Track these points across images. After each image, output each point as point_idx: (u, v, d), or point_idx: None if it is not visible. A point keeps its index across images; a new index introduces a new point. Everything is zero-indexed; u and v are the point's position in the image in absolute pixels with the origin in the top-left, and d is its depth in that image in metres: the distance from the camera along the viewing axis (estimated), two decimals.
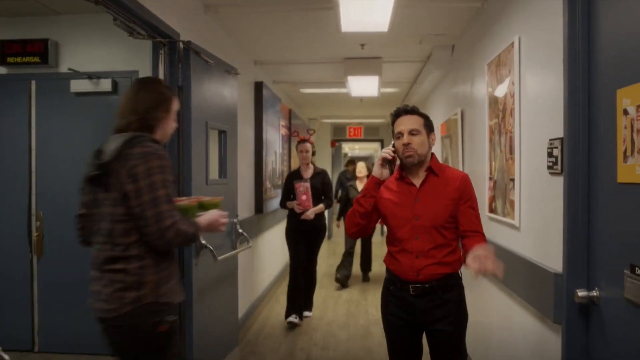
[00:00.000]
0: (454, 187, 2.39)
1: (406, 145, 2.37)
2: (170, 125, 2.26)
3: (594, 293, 1.93)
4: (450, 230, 2.39)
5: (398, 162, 2.43)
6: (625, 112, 1.67)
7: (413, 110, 2.44)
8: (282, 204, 5.41)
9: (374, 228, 2.68)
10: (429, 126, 2.44)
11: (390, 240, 2.49)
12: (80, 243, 2.23)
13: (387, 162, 2.38)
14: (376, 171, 2.39)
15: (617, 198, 1.78)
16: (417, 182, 2.43)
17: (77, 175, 4.09)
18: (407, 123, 2.40)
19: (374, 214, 2.47)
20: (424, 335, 2.49)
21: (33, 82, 4.25)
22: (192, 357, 3.20)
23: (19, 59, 4.18)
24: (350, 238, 6.93)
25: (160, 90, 2.22)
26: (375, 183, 2.40)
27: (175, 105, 2.27)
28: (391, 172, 2.41)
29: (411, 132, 2.38)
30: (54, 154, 4.22)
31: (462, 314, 2.45)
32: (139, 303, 1.99)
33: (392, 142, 2.46)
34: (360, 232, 2.52)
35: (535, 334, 2.53)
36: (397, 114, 2.45)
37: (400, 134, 2.40)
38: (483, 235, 2.40)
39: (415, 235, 2.37)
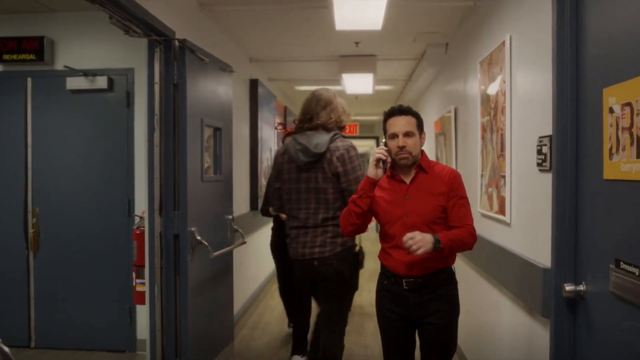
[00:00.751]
0: (443, 184, 2.42)
1: (401, 148, 2.39)
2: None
3: (581, 287, 1.97)
4: (440, 226, 2.42)
5: (389, 160, 2.46)
6: (611, 111, 1.71)
7: (407, 111, 2.45)
8: (264, 211, 4.39)
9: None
10: (420, 126, 2.47)
11: (383, 236, 2.53)
12: (276, 210, 3.36)
13: (380, 162, 2.41)
14: (371, 172, 2.41)
15: (603, 194, 1.82)
16: (407, 179, 2.46)
17: (73, 171, 4.17)
18: (401, 125, 2.41)
19: (368, 213, 2.51)
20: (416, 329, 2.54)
21: (29, 80, 4.27)
22: (187, 351, 3.24)
23: (14, 56, 4.19)
24: None
25: (341, 105, 3.21)
26: (370, 183, 2.43)
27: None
28: (384, 172, 2.45)
29: (406, 134, 2.40)
30: (50, 151, 4.25)
31: (455, 308, 2.49)
32: (345, 245, 3.07)
33: (384, 142, 2.48)
34: (356, 231, 2.57)
35: (525, 327, 2.57)
36: (391, 114, 2.46)
37: (395, 135, 2.41)
38: (468, 227, 2.39)
39: (406, 232, 2.40)
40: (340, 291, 3.18)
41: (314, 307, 3.91)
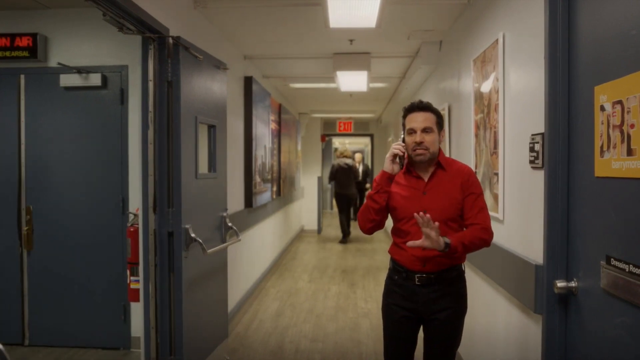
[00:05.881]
0: (460, 181, 2.42)
1: (419, 143, 2.39)
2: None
3: (573, 284, 1.99)
4: (456, 223, 2.42)
5: (406, 155, 2.44)
6: (602, 109, 1.73)
7: (427, 107, 2.44)
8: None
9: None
10: (440, 123, 2.46)
11: (397, 231, 2.51)
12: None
13: (397, 157, 2.40)
14: (387, 167, 2.41)
15: (594, 191, 1.84)
16: (425, 175, 2.46)
17: (67, 169, 4.17)
18: (420, 120, 2.40)
19: (386, 208, 2.49)
20: (421, 326, 2.54)
21: (22, 77, 4.25)
22: (182, 348, 3.24)
23: (7, 53, 4.17)
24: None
25: None
26: (387, 178, 2.42)
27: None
28: (401, 167, 2.44)
29: (424, 130, 2.39)
30: (43, 148, 4.23)
31: (463, 306, 2.50)
32: None
33: (402, 137, 2.47)
34: (375, 228, 2.53)
35: (518, 323, 2.59)
36: (411, 109, 2.45)
37: (413, 130, 2.41)
38: (481, 224, 2.38)
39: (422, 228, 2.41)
40: None
41: None
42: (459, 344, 2.55)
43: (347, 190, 10.62)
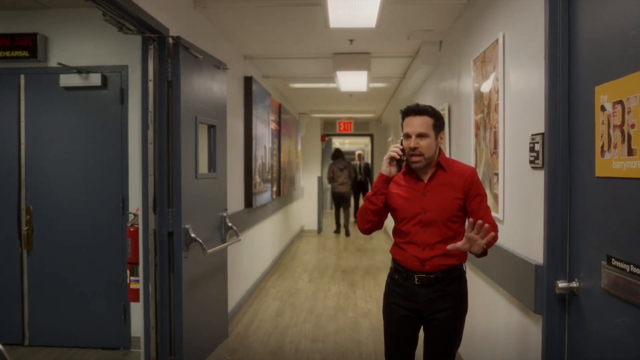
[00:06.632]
0: (462, 182, 2.41)
1: (413, 149, 2.38)
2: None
3: (574, 284, 1.99)
4: (457, 223, 2.42)
5: (404, 158, 2.45)
6: (603, 109, 1.73)
7: (423, 111, 2.42)
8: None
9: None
10: (438, 126, 2.44)
11: (398, 232, 2.52)
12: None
13: (394, 160, 2.41)
14: (384, 169, 2.42)
15: (595, 191, 1.83)
16: (424, 177, 2.46)
17: (67, 169, 4.16)
18: (415, 125, 2.39)
19: (384, 209, 2.50)
20: (422, 326, 2.54)
21: (22, 77, 4.25)
22: (182, 349, 3.24)
23: (7, 53, 4.17)
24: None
25: None
26: (384, 181, 2.43)
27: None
28: (399, 169, 2.44)
29: (419, 135, 2.38)
30: (43, 148, 4.23)
31: (463, 306, 2.50)
32: None
33: (400, 140, 2.48)
34: (373, 228, 2.54)
35: (518, 324, 2.59)
36: (407, 113, 2.44)
37: (409, 135, 2.40)
38: (494, 225, 2.36)
39: (423, 229, 2.41)
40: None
41: None
42: (459, 344, 2.55)
43: (342, 189, 11.41)
